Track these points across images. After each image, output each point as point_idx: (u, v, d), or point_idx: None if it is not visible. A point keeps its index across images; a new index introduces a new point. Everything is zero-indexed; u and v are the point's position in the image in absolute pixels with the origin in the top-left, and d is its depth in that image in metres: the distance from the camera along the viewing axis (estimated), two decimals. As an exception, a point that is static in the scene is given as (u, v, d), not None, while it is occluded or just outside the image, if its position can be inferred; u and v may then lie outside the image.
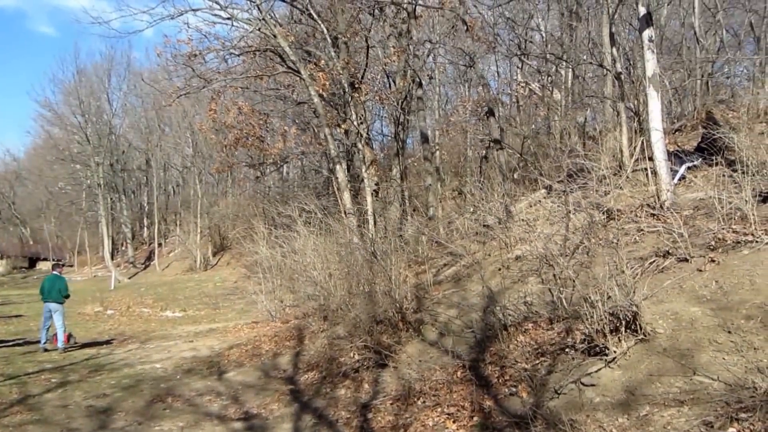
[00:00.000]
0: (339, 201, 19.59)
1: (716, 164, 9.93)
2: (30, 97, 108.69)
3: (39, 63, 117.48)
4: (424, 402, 8.16)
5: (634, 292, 6.83)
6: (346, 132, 21.11)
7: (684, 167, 11.91)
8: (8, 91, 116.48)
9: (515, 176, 18.17)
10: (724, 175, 9.50)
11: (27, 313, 24.79)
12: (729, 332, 6.24)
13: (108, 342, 17.32)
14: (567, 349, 7.50)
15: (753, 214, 7.98)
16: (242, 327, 18.45)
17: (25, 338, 17.74)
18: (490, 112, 17.97)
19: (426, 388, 8.51)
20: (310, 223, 17.71)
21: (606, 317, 6.80)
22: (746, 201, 8.18)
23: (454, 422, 7.33)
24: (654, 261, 8.42)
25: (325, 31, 19.23)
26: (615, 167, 12.64)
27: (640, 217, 10.14)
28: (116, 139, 60.20)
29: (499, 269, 11.59)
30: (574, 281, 8.42)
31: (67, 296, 15.96)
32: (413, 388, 8.65)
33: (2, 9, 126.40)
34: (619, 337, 6.77)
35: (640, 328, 6.71)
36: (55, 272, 16.49)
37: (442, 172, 24.97)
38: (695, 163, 12.06)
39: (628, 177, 11.85)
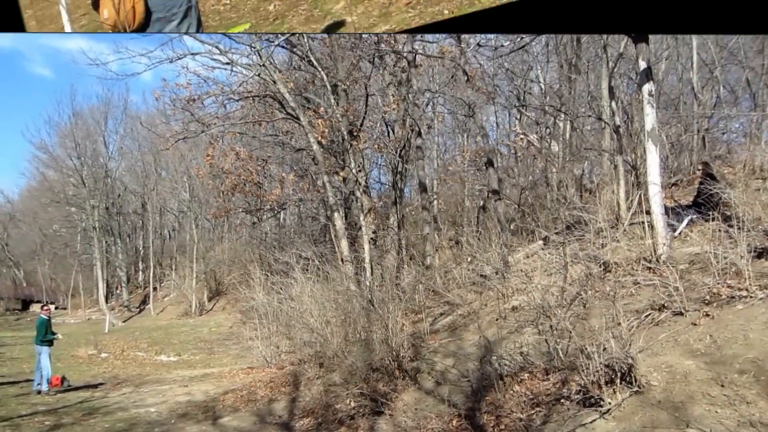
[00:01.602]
0: (336, 248, 19.64)
1: (712, 219, 10.07)
2: (25, 138, 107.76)
3: (35, 104, 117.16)
4: (419, 451, 8.14)
5: (629, 344, 6.91)
6: (344, 179, 21.26)
7: (687, 220, 12.05)
8: (2, 131, 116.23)
9: (512, 227, 18.26)
10: (719, 230, 9.62)
11: (20, 355, 24.58)
12: (722, 386, 6.29)
13: (101, 385, 17.20)
14: (562, 400, 7.54)
15: (748, 270, 8.07)
16: (237, 372, 18.29)
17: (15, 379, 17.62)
18: (489, 163, 18.15)
19: (422, 437, 8.50)
20: (307, 270, 17.77)
21: (602, 369, 6.86)
22: (741, 256, 8.28)
23: (449, 472, 7.32)
24: (650, 314, 8.49)
25: (325, 78, 19.44)
26: (612, 220, 12.78)
27: (636, 270, 10.22)
28: (112, 183, 59.94)
29: (496, 319, 11.63)
30: (570, 332, 8.48)
31: (45, 339, 15.71)
32: (409, 437, 8.64)
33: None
34: (614, 389, 6.82)
35: (635, 381, 6.76)
36: (42, 314, 16.48)
37: (439, 222, 25.03)
38: (693, 217, 12.20)
39: (625, 230, 11.96)
